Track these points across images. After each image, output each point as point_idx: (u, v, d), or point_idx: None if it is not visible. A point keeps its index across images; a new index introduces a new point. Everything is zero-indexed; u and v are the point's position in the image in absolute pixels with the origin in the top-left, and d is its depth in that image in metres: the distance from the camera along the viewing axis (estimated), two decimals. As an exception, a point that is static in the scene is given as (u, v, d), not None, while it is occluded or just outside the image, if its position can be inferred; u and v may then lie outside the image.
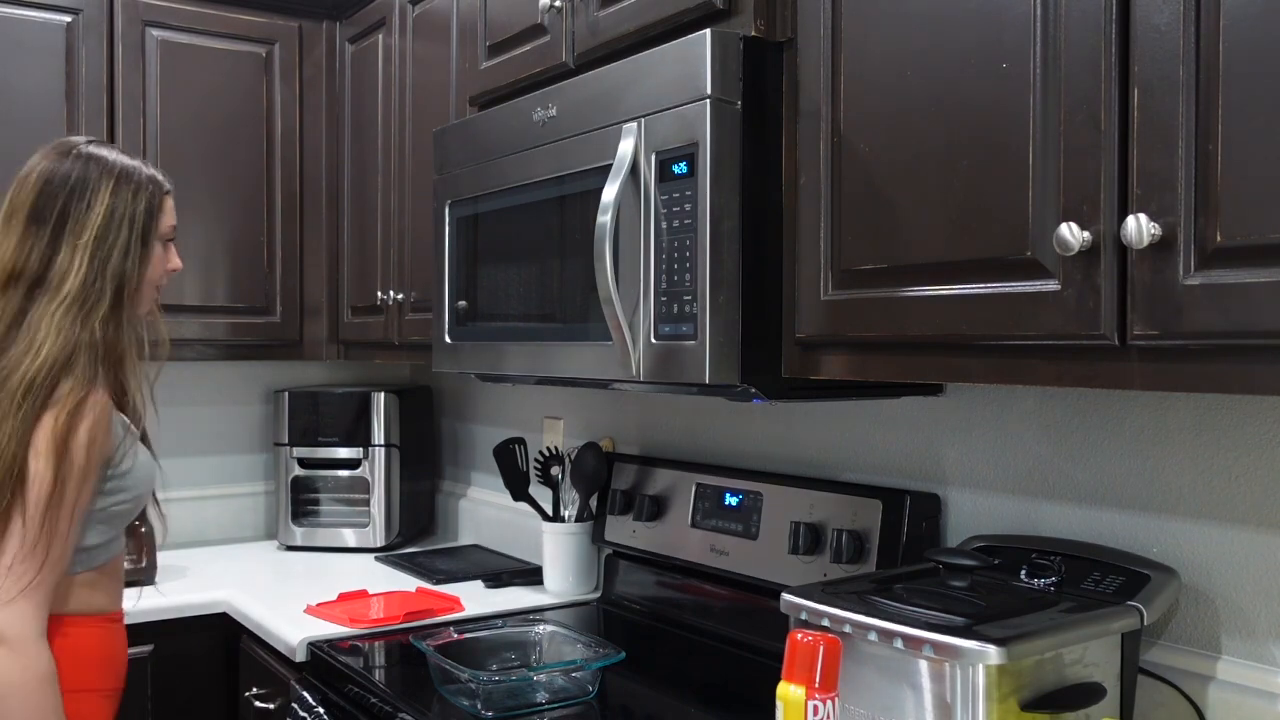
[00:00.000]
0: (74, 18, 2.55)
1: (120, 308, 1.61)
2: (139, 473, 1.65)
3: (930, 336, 1.25)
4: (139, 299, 1.67)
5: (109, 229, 1.61)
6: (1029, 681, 1.20)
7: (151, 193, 1.67)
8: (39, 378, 1.50)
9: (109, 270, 1.60)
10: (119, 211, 1.63)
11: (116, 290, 1.60)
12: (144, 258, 1.65)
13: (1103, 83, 1.06)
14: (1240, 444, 1.35)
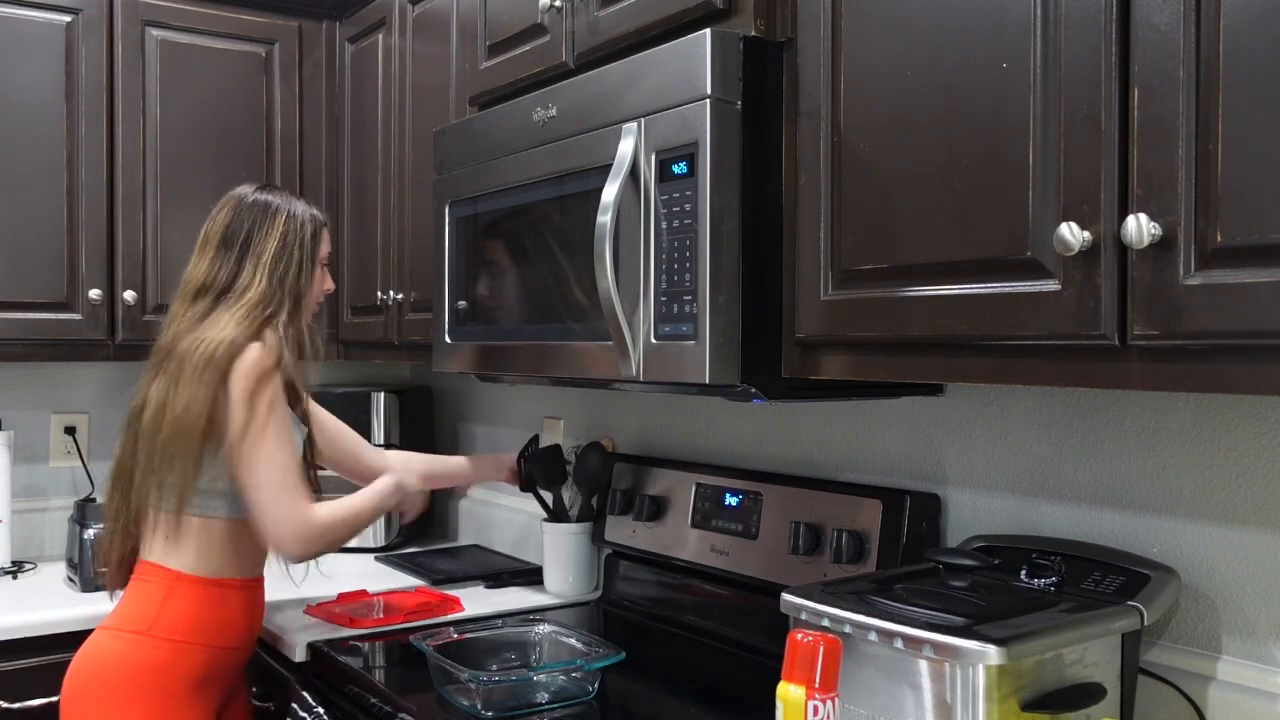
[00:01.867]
0: (74, 17, 2.55)
1: (297, 315, 1.94)
2: None
3: (930, 336, 1.25)
4: (306, 312, 1.99)
5: (284, 251, 1.94)
6: (1029, 681, 1.20)
7: (316, 224, 2.01)
8: (218, 352, 1.81)
9: (285, 284, 1.93)
10: (290, 237, 1.95)
11: (295, 301, 1.94)
12: (311, 275, 1.98)
13: (1103, 83, 1.06)
14: (1240, 444, 1.35)
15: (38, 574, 2.62)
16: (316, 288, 2.02)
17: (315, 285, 2.01)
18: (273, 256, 1.93)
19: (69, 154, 2.54)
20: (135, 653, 1.80)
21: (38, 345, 2.53)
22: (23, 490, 2.77)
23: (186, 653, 1.83)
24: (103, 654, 1.82)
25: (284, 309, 1.92)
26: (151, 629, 1.82)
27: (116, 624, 1.84)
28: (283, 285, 1.93)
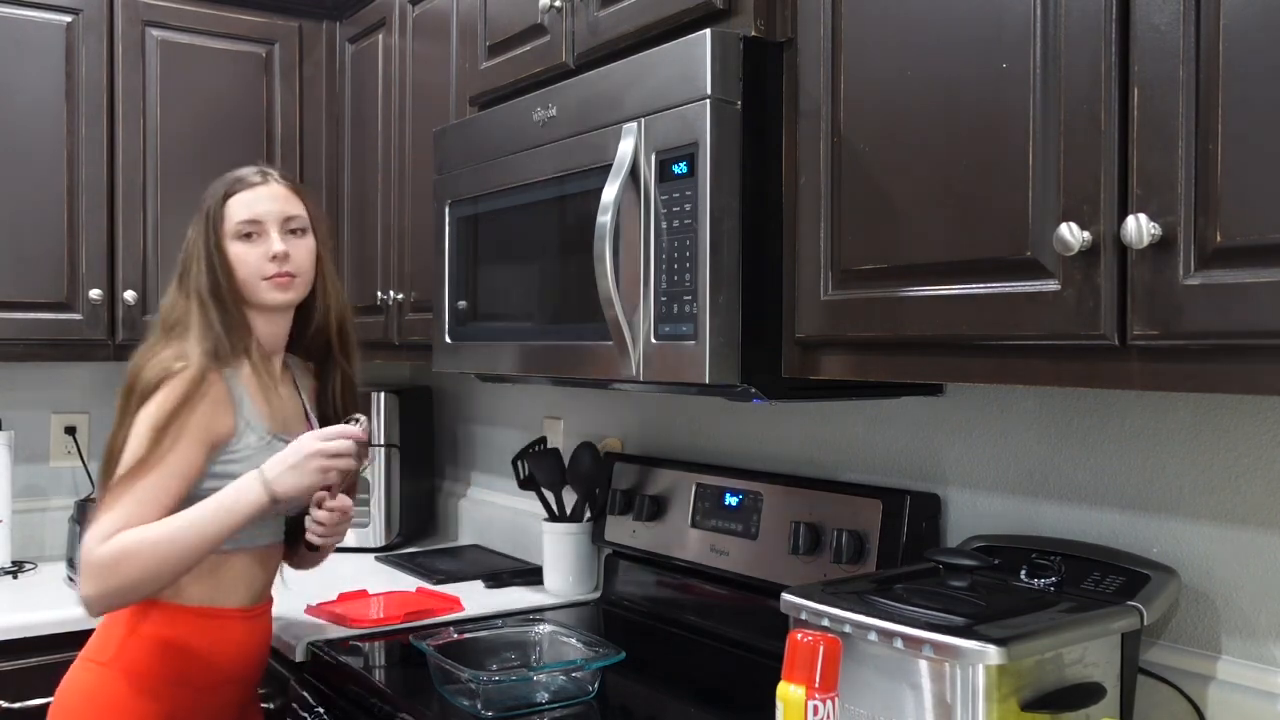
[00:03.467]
0: (74, 18, 2.55)
1: (224, 313, 1.75)
2: (256, 463, 1.70)
3: (930, 336, 1.25)
4: (242, 300, 1.78)
5: (190, 259, 1.79)
6: (1029, 681, 1.20)
7: (210, 207, 1.79)
8: (138, 387, 1.69)
9: (190, 284, 1.77)
10: (191, 238, 1.80)
11: (200, 304, 1.74)
12: (224, 265, 1.76)
13: (1103, 82, 1.06)
14: (1240, 444, 1.35)
15: (38, 574, 2.62)
16: (244, 267, 1.76)
17: (240, 266, 1.76)
18: (181, 272, 1.79)
19: (69, 154, 2.55)
20: (98, 686, 1.70)
21: (38, 345, 2.54)
22: (23, 490, 2.77)
23: (149, 689, 1.69)
24: (68, 687, 1.74)
25: (194, 314, 1.73)
26: (115, 660, 1.70)
27: (85, 652, 1.76)
28: (186, 286, 1.76)
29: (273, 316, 1.82)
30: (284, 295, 1.79)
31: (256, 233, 1.77)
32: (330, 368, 1.92)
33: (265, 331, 1.82)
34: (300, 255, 1.80)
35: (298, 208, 1.82)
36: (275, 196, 1.79)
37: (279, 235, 1.77)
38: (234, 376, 1.74)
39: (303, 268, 1.80)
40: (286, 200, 1.81)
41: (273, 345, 1.84)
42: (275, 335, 1.84)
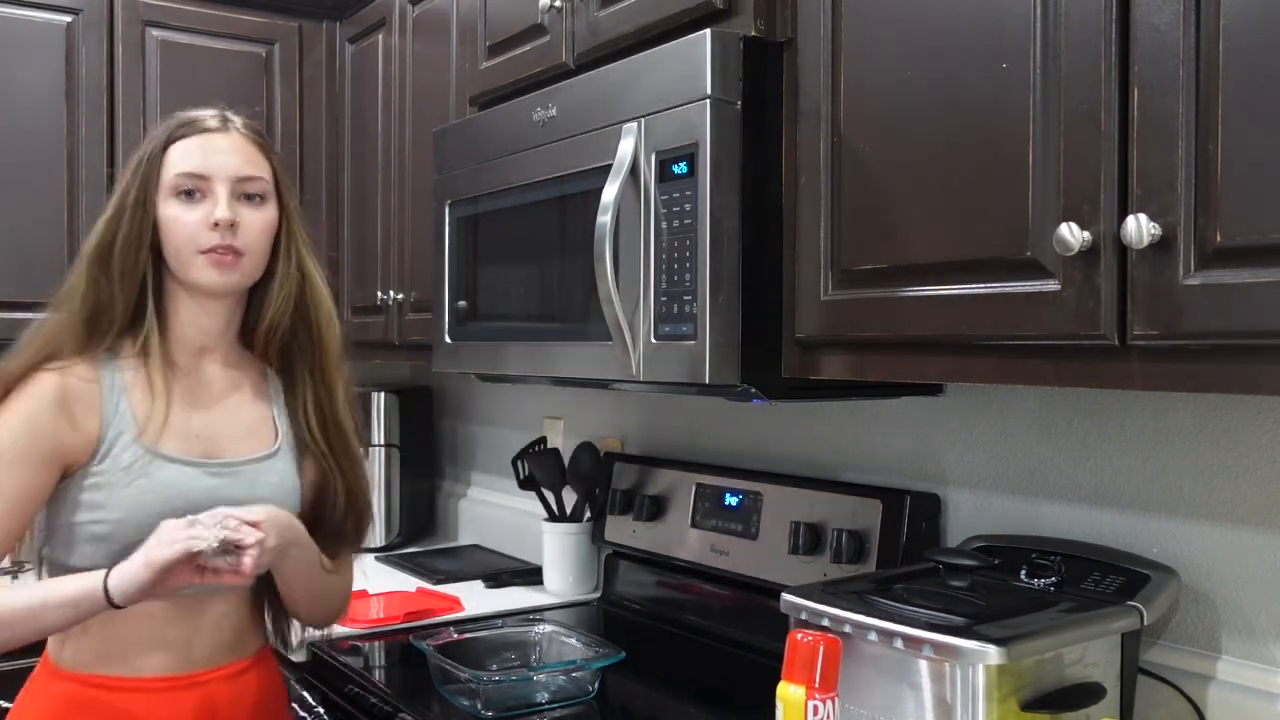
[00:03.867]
0: (74, 18, 2.55)
1: (94, 285, 1.39)
2: (129, 491, 1.35)
3: (930, 336, 1.25)
4: (166, 272, 1.43)
5: (106, 213, 1.43)
6: (1029, 681, 1.20)
7: (148, 150, 1.42)
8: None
9: (83, 251, 1.42)
10: (117, 187, 1.43)
11: (86, 266, 1.40)
12: (145, 224, 1.39)
13: (1103, 82, 1.06)
14: (1240, 444, 1.35)
15: (38, 574, 2.62)
16: (174, 233, 1.39)
17: (170, 229, 1.39)
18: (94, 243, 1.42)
19: (69, 154, 2.55)
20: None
21: (38, 345, 2.53)
22: (23, 490, 2.76)
23: None
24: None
25: (76, 280, 1.40)
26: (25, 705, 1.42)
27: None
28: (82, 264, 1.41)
29: (204, 303, 1.44)
30: (220, 277, 1.39)
31: (200, 190, 1.39)
32: (295, 382, 1.51)
33: (188, 319, 1.44)
34: (252, 228, 1.41)
35: (259, 167, 1.44)
36: (232, 148, 1.41)
37: (228, 198, 1.39)
38: (113, 370, 1.39)
39: (253, 244, 1.41)
40: (246, 156, 1.43)
41: (200, 339, 1.45)
42: (204, 327, 1.45)
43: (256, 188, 1.43)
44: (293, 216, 1.49)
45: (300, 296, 1.49)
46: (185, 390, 1.44)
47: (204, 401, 1.45)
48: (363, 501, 1.54)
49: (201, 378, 1.46)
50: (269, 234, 1.44)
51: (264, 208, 1.44)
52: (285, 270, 1.47)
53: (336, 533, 1.51)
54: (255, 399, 1.51)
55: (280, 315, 1.47)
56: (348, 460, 1.52)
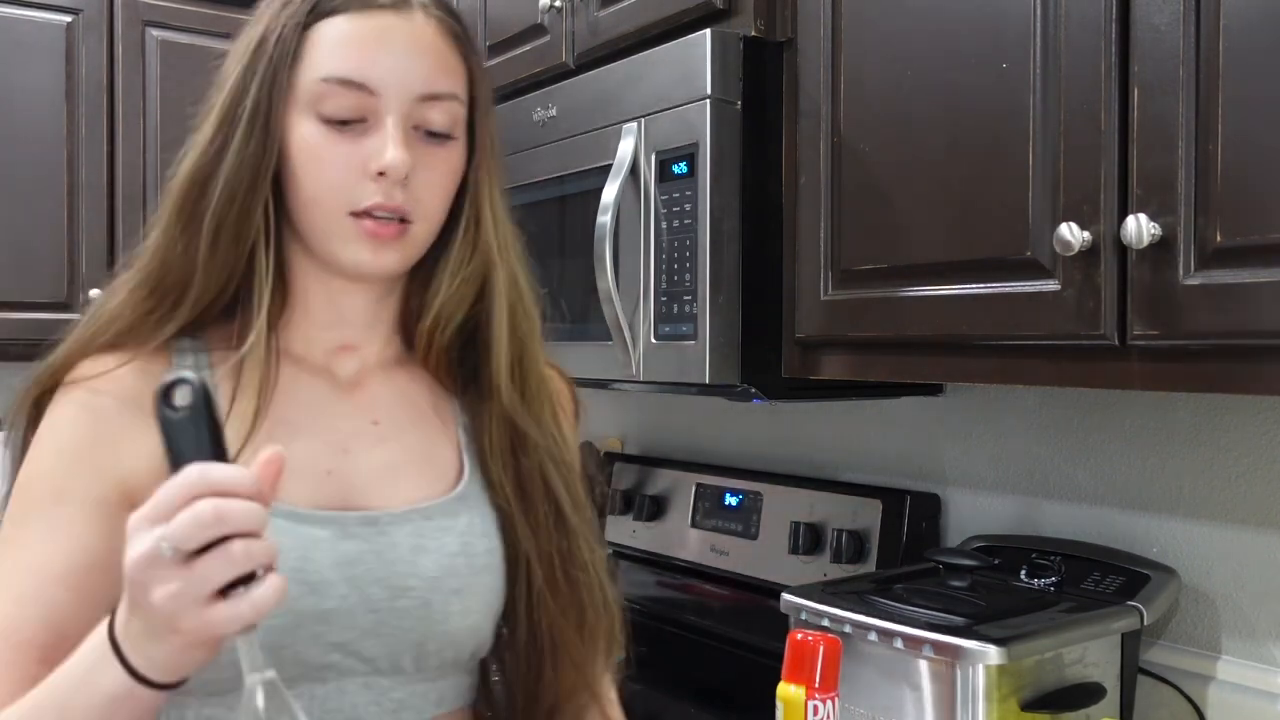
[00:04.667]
0: (74, 18, 2.55)
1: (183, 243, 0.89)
2: None
3: (930, 336, 1.25)
4: (288, 231, 0.91)
5: (202, 126, 0.91)
6: (1029, 681, 1.20)
7: (278, 27, 0.88)
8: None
9: (169, 191, 0.92)
10: (226, 82, 0.90)
11: (174, 214, 0.91)
12: (268, 152, 0.87)
13: (1102, 83, 1.06)
14: (1240, 444, 1.35)
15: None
16: (314, 178, 0.88)
17: (308, 170, 0.88)
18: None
19: (69, 154, 2.54)
20: None
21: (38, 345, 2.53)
22: (23, 490, 2.77)
23: None
24: None
25: (156, 236, 0.91)
26: None
27: None
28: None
29: (343, 283, 0.93)
30: (373, 256, 0.88)
31: (359, 112, 0.87)
32: (480, 399, 0.97)
33: (319, 302, 0.94)
34: (432, 182, 0.90)
35: (454, 78, 0.91)
36: (416, 47, 0.89)
37: (402, 130, 0.88)
38: (200, 370, 0.89)
39: (430, 207, 0.91)
40: (438, 60, 0.90)
41: (337, 330, 0.95)
42: (343, 314, 0.95)
43: (445, 115, 0.90)
44: (486, 157, 0.96)
45: (485, 280, 0.96)
46: (310, 403, 0.92)
47: (340, 422, 0.93)
48: (582, 596, 0.97)
49: (338, 386, 0.94)
50: (450, 186, 0.93)
51: (450, 148, 0.92)
52: (465, 240, 0.95)
53: (530, 651, 0.95)
54: (426, 419, 0.97)
55: (452, 307, 0.95)
56: (558, 527, 0.95)
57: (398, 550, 0.89)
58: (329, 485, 0.90)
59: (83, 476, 0.85)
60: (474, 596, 0.92)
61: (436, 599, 0.89)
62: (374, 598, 0.87)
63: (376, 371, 0.98)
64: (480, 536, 0.94)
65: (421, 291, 0.96)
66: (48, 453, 0.87)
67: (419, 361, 0.99)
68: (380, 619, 0.87)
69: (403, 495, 0.93)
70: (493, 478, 0.95)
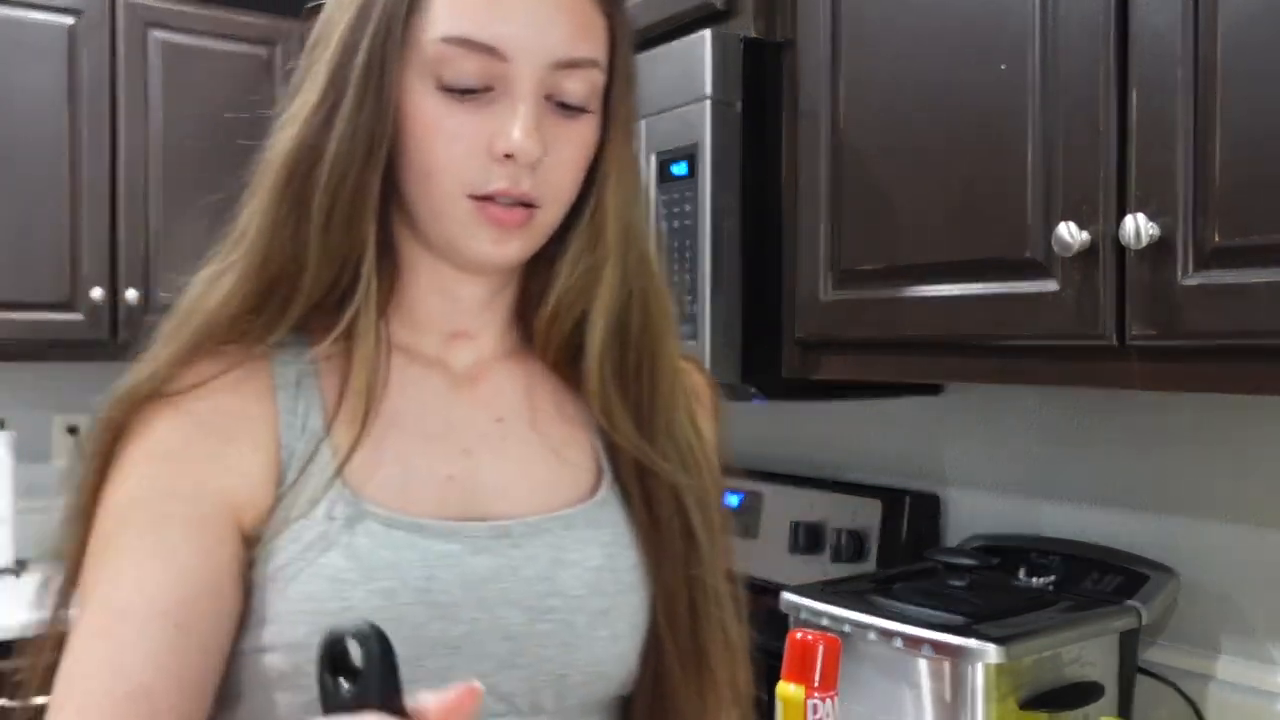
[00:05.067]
0: (76, 19, 2.55)
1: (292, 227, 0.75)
2: (315, 581, 0.71)
3: (930, 336, 1.25)
4: (400, 211, 0.79)
5: (302, 126, 0.75)
6: (1028, 680, 1.20)
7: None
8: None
9: (266, 168, 0.77)
10: (325, 64, 0.75)
11: (275, 197, 0.76)
12: (381, 123, 0.73)
13: (1101, 83, 1.06)
14: (1240, 444, 1.35)
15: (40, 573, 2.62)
16: (432, 153, 0.75)
17: (425, 146, 0.75)
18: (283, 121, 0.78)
19: (71, 155, 2.55)
20: None
21: (40, 345, 2.54)
22: (25, 490, 2.77)
23: None
24: None
25: (254, 221, 0.77)
26: None
27: None
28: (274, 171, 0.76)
29: (457, 271, 0.81)
30: (494, 247, 0.76)
31: (487, 80, 0.74)
32: (604, 401, 0.82)
33: (430, 288, 0.82)
34: (562, 163, 0.77)
35: (594, 40, 0.78)
36: (557, 2, 0.75)
37: (535, 102, 0.74)
38: (296, 362, 0.78)
39: (558, 191, 0.78)
40: (577, 19, 0.76)
41: (450, 317, 0.83)
42: (458, 302, 0.83)
43: (583, 85, 0.77)
44: (620, 132, 0.84)
45: (632, 273, 0.83)
46: (425, 400, 0.81)
47: (460, 420, 0.81)
48: (705, 639, 0.84)
49: (455, 380, 0.83)
50: (585, 166, 0.81)
51: (584, 122, 0.79)
52: (591, 225, 0.82)
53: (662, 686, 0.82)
54: (554, 416, 0.85)
55: (572, 298, 0.82)
56: (688, 551, 0.82)
57: (535, 565, 0.76)
58: (451, 492, 0.78)
59: (185, 497, 0.74)
60: (621, 619, 0.78)
61: (580, 621, 0.76)
62: (510, 622, 0.74)
63: (496, 363, 0.84)
64: (625, 549, 0.80)
65: (541, 278, 0.83)
66: (144, 474, 0.75)
67: (538, 354, 0.85)
68: (517, 646, 0.74)
69: (535, 502, 0.80)
70: (628, 488, 0.82)
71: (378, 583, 0.71)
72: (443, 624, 0.72)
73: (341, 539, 0.72)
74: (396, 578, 0.71)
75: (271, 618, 0.71)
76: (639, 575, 0.80)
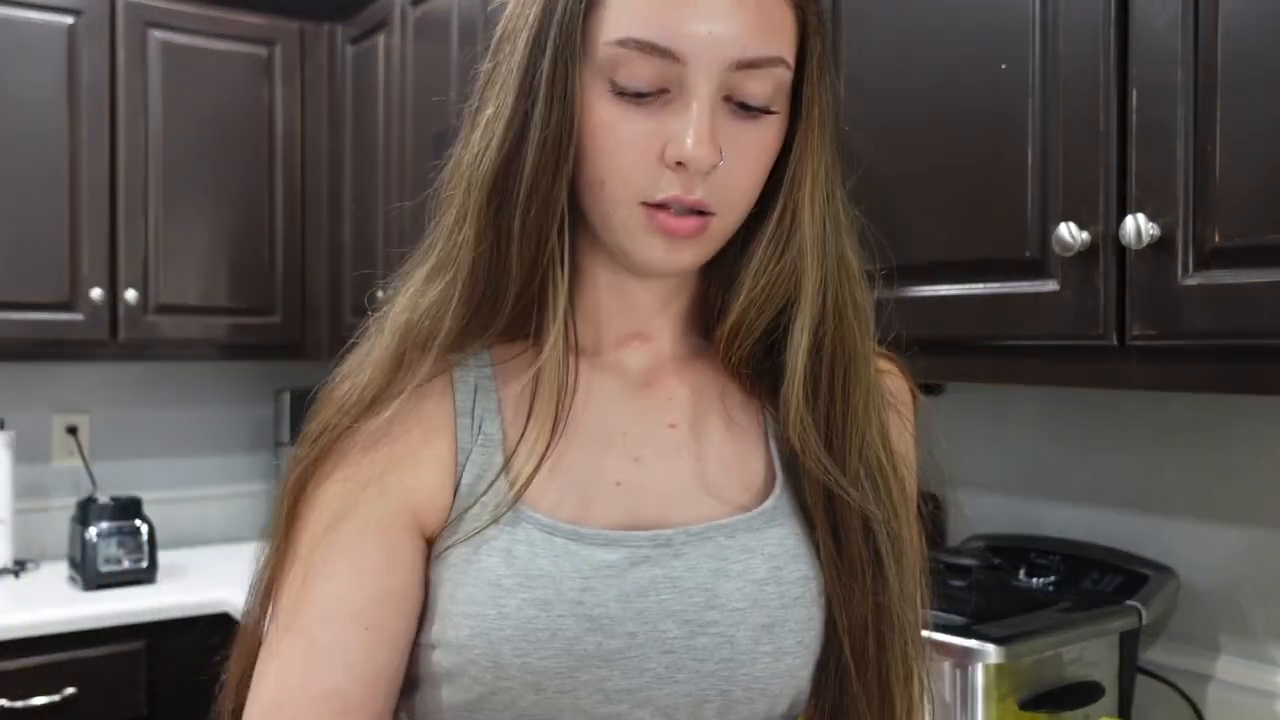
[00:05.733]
0: (76, 19, 2.55)
1: (488, 241, 0.75)
2: (477, 586, 0.73)
3: (930, 336, 1.25)
4: (576, 220, 0.77)
5: (485, 109, 0.76)
6: (1028, 680, 1.20)
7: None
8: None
9: (462, 179, 0.76)
10: (513, 74, 0.74)
11: (477, 211, 0.75)
12: (566, 127, 0.72)
13: (1101, 84, 1.06)
14: (1239, 444, 1.35)
15: (39, 573, 2.62)
16: (603, 158, 0.73)
17: (599, 149, 0.72)
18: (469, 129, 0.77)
19: (71, 155, 2.55)
20: None
21: (40, 345, 2.54)
22: (24, 490, 2.77)
23: None
24: None
25: (453, 229, 0.78)
26: None
27: None
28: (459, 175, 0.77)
29: (638, 278, 0.80)
30: (665, 255, 0.74)
31: (660, 82, 0.71)
32: (806, 432, 0.78)
33: (609, 293, 0.81)
34: (741, 169, 0.74)
35: (779, 36, 0.73)
36: (738, 3, 0.70)
37: (712, 104, 0.71)
38: (476, 366, 0.80)
39: (736, 198, 0.75)
40: (760, 14, 0.71)
41: (626, 320, 0.82)
42: (634, 306, 0.82)
43: (765, 85, 0.73)
44: (813, 131, 0.77)
45: (797, 284, 0.79)
46: (599, 405, 0.79)
47: (632, 425, 0.80)
48: (888, 670, 0.79)
49: (629, 384, 0.81)
50: (767, 169, 0.76)
51: (766, 124, 0.74)
52: (777, 233, 0.78)
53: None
54: (730, 423, 0.82)
55: (755, 313, 0.79)
56: (875, 578, 0.78)
57: (696, 576, 0.74)
58: (618, 500, 0.76)
59: (370, 503, 0.75)
60: (788, 634, 0.75)
61: (742, 635, 0.74)
62: (668, 635, 0.73)
63: (671, 367, 0.82)
64: (794, 561, 0.77)
65: (723, 287, 0.80)
66: (335, 492, 0.76)
67: (720, 360, 0.82)
68: (676, 661, 0.73)
69: (702, 511, 0.77)
70: (807, 500, 0.78)
71: (533, 591, 0.71)
72: (598, 637, 0.71)
73: (500, 543, 0.72)
74: (552, 588, 0.71)
75: (441, 615, 0.73)
76: (809, 590, 0.77)
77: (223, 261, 2.75)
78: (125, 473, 2.86)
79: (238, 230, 2.76)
